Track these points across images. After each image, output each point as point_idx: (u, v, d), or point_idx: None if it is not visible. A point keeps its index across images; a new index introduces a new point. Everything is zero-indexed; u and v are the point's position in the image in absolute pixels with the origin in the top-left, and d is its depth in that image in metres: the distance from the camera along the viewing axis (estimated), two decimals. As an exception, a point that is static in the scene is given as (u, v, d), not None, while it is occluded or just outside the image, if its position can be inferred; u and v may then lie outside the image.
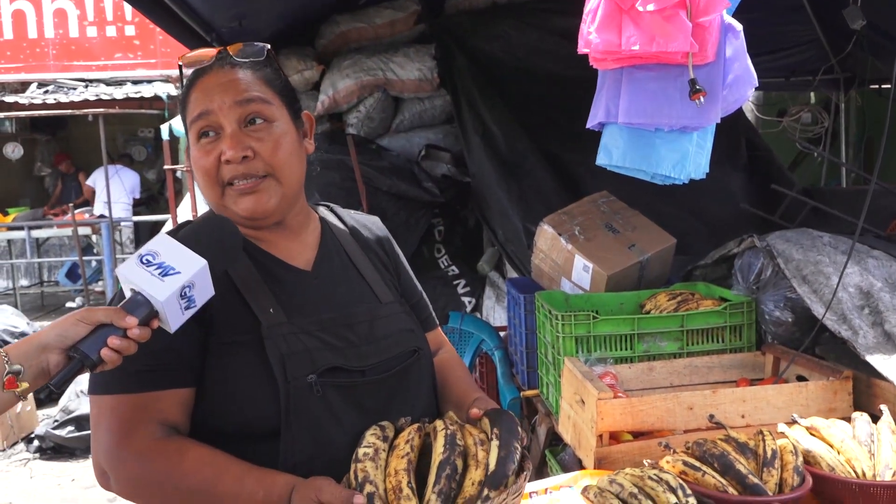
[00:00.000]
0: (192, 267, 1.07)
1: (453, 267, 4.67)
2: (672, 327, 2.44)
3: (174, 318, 1.07)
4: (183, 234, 1.13)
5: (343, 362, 1.23)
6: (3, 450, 5.25)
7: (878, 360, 1.89)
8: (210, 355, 1.19)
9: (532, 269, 3.16)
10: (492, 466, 1.09)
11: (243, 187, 1.25)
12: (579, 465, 2.07)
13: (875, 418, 1.76)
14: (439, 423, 1.18)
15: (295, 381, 1.17)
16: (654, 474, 1.53)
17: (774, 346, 2.37)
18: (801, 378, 2.18)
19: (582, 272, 2.85)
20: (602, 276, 2.78)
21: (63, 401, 5.40)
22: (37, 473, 4.88)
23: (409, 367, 1.32)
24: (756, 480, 1.53)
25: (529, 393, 3.03)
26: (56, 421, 5.22)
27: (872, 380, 1.98)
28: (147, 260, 1.07)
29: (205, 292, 1.10)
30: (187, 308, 1.08)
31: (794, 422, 1.77)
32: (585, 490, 1.55)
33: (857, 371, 2.03)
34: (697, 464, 1.60)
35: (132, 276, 1.05)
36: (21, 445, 5.32)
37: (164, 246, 1.08)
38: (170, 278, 1.05)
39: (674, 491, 1.48)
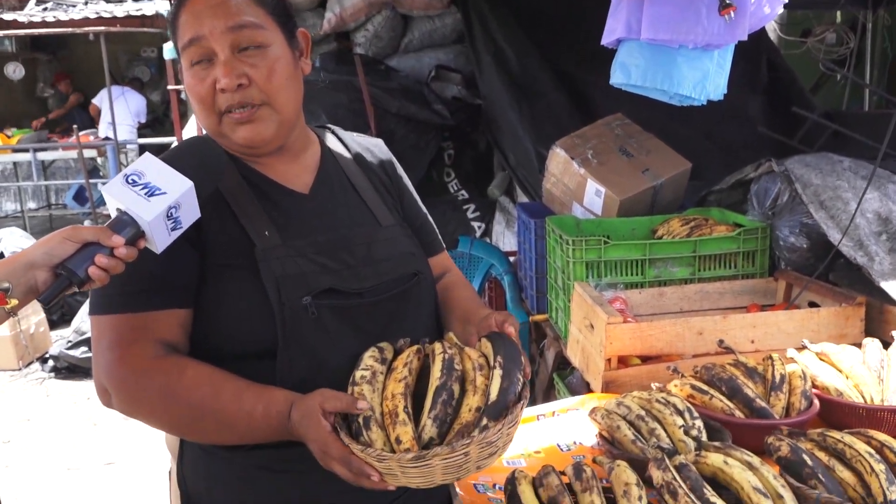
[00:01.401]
0: (178, 188, 1.06)
1: (463, 191, 4.65)
2: (684, 253, 2.44)
3: (161, 239, 1.07)
4: (166, 155, 1.12)
5: (339, 284, 1.24)
6: (20, 369, 5.40)
7: (892, 287, 1.89)
8: (206, 277, 1.19)
9: (543, 193, 3.14)
10: (493, 396, 1.07)
11: (239, 116, 1.23)
12: (587, 389, 2.11)
13: (886, 345, 1.77)
14: (438, 346, 1.17)
15: (290, 304, 1.18)
16: (662, 397, 1.56)
17: (787, 272, 2.37)
18: (813, 304, 2.19)
19: (594, 197, 2.83)
20: (614, 200, 2.76)
21: (76, 322, 5.51)
22: (52, 392, 5.03)
23: (409, 290, 1.32)
24: (763, 404, 1.55)
25: (538, 317, 3.06)
26: (69, 342, 5.34)
27: (886, 306, 1.99)
28: (133, 180, 1.06)
29: (191, 214, 1.10)
30: (174, 229, 1.08)
31: (803, 347, 1.78)
32: (593, 412, 1.58)
33: (871, 298, 2.03)
34: (705, 387, 1.62)
35: (118, 195, 1.05)
36: (36, 365, 5.46)
37: (149, 166, 1.07)
38: (156, 199, 1.05)
39: (681, 414, 1.50)
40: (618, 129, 3.05)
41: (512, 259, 3.81)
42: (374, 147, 1.50)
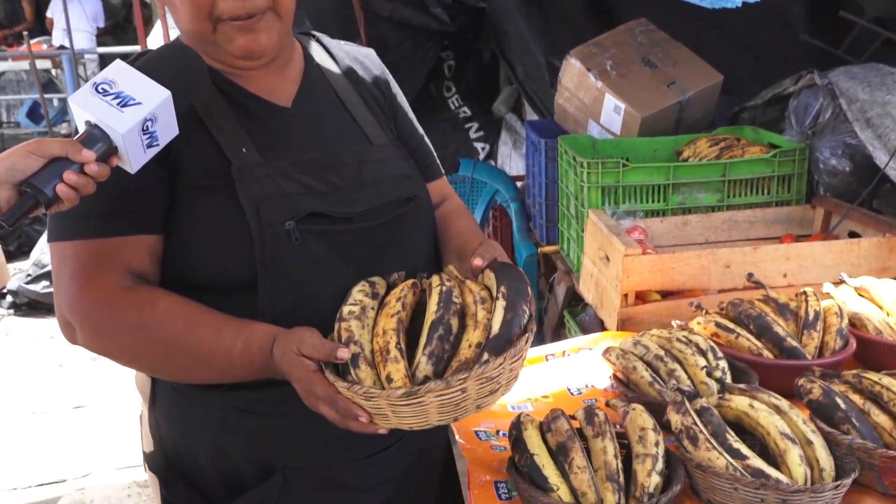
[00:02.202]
0: (154, 98, 1.04)
1: (465, 108, 4.61)
2: (712, 177, 2.43)
3: (136, 156, 1.06)
4: (142, 62, 1.09)
5: (326, 208, 1.23)
6: (-25, 306, 5.45)
7: (943, 215, 1.89)
8: (177, 200, 1.19)
9: (555, 110, 3.10)
10: (495, 329, 1.07)
11: (242, 24, 1.20)
12: (600, 327, 2.13)
13: (933, 279, 1.77)
14: (435, 279, 1.17)
15: (270, 228, 1.17)
16: (683, 336, 1.57)
17: (827, 198, 2.36)
18: (853, 235, 2.19)
19: (612, 114, 2.79)
20: (635, 118, 2.73)
21: (35, 254, 5.52)
22: (13, 330, 5.09)
23: (404, 216, 1.31)
24: (794, 343, 1.57)
25: (548, 249, 3.07)
26: (29, 275, 5.36)
27: (934, 237, 1.99)
28: (103, 89, 1.04)
29: (168, 129, 1.08)
30: (150, 146, 1.07)
31: (841, 282, 1.79)
32: (607, 352, 1.60)
33: (918, 227, 2.03)
34: (731, 325, 1.63)
35: (87, 106, 1.03)
36: (-7, 301, 5.51)
37: (121, 74, 1.05)
38: (130, 109, 1.03)
39: (703, 354, 1.52)
40: (640, 37, 2.99)
41: (519, 184, 3.79)
42: (364, 58, 1.47)
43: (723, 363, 1.51)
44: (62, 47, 8.89)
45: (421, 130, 1.53)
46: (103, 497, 3.24)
